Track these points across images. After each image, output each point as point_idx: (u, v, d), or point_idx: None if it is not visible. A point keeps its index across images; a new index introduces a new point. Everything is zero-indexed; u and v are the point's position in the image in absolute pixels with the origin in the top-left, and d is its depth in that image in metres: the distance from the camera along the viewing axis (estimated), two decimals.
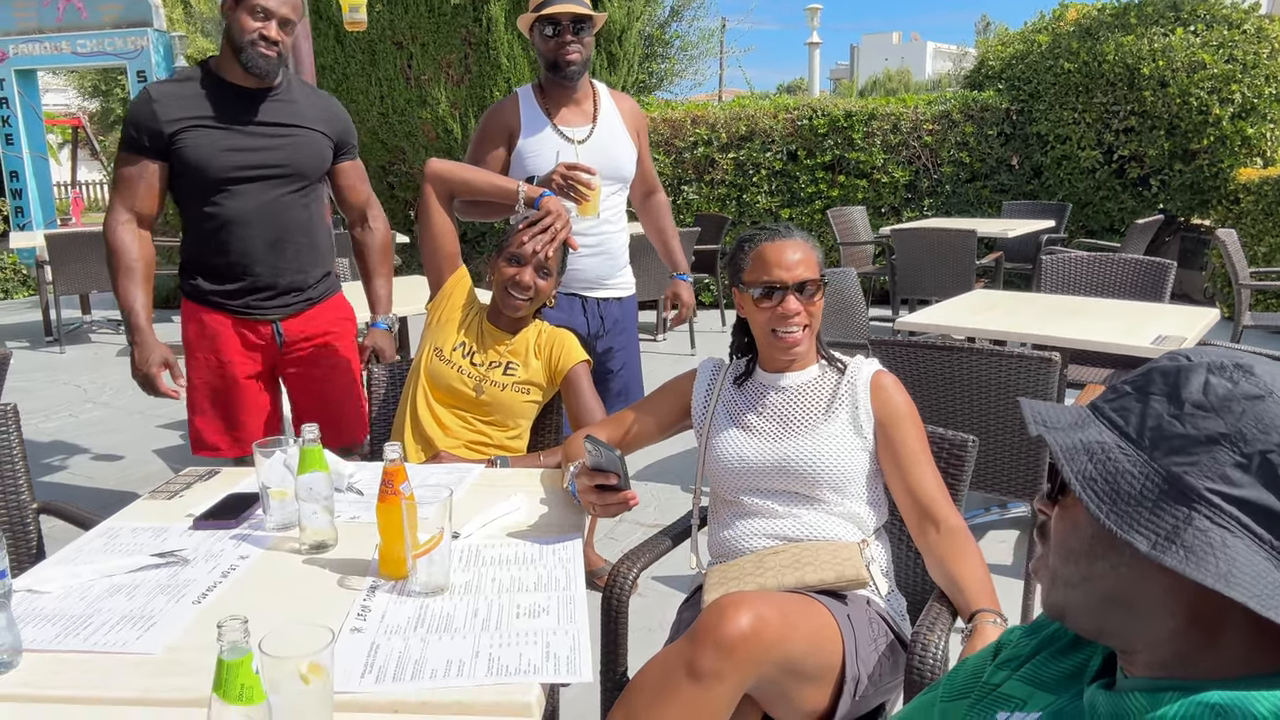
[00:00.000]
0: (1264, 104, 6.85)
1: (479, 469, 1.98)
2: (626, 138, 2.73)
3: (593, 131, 2.65)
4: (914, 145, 7.85)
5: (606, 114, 2.71)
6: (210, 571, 1.46)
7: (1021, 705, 0.87)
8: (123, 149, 2.34)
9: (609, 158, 2.64)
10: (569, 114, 2.65)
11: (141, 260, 2.38)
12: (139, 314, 2.34)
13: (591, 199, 2.40)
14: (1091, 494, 0.73)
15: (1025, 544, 3.30)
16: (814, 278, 1.70)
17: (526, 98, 2.66)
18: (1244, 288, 5.02)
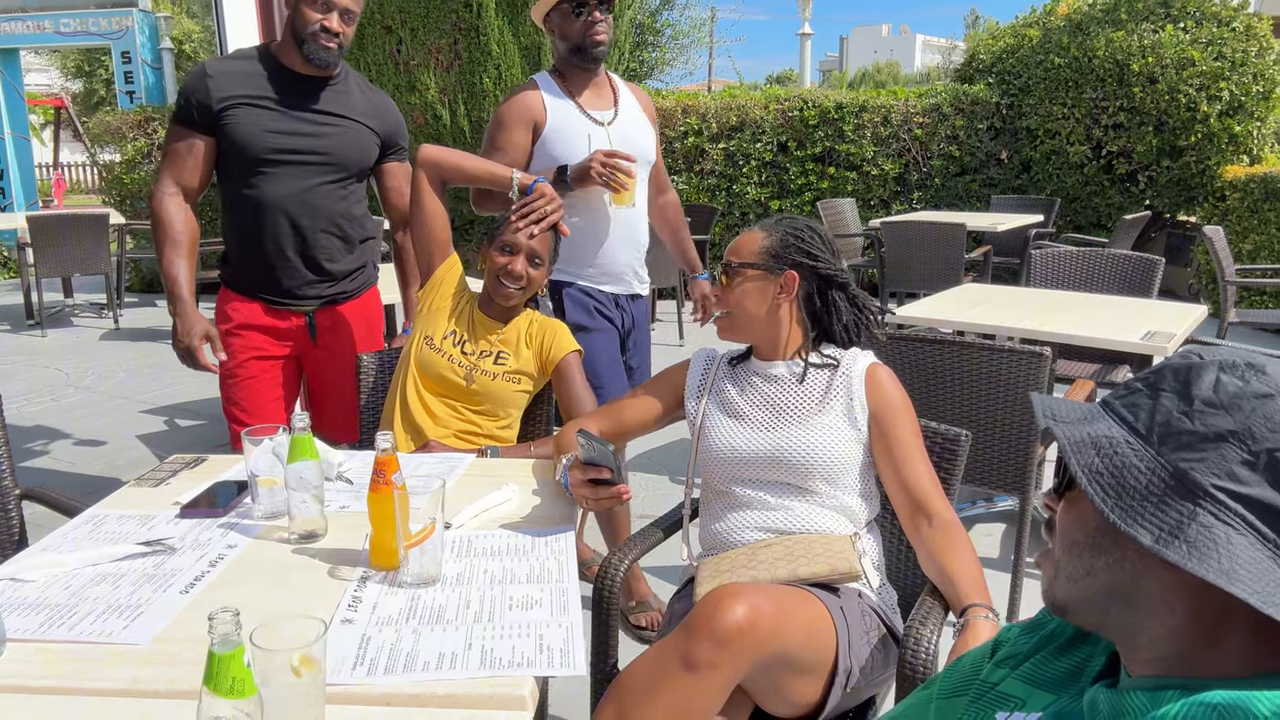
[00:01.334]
0: (1251, 102, 6.88)
1: (470, 459, 1.97)
2: (646, 123, 2.67)
3: (616, 115, 2.58)
4: (904, 138, 7.85)
5: (625, 99, 2.65)
6: (198, 561, 1.44)
7: (1021, 705, 0.87)
8: (174, 121, 2.36)
9: (633, 142, 2.57)
10: (592, 98, 2.57)
11: (186, 233, 2.36)
12: (182, 285, 2.32)
13: (630, 187, 2.37)
14: (1097, 487, 0.73)
15: (1013, 537, 3.31)
16: (736, 260, 1.74)
17: (547, 83, 2.56)
18: (1230, 284, 5.05)
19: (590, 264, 2.55)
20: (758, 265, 1.72)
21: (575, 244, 2.49)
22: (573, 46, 2.50)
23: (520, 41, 7.59)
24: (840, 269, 1.75)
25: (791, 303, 1.73)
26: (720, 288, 1.76)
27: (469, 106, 7.71)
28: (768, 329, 1.74)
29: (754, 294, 1.72)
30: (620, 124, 2.57)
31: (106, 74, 13.89)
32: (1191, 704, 0.68)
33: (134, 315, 7.69)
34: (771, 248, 1.72)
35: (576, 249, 2.51)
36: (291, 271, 2.43)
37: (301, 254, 2.42)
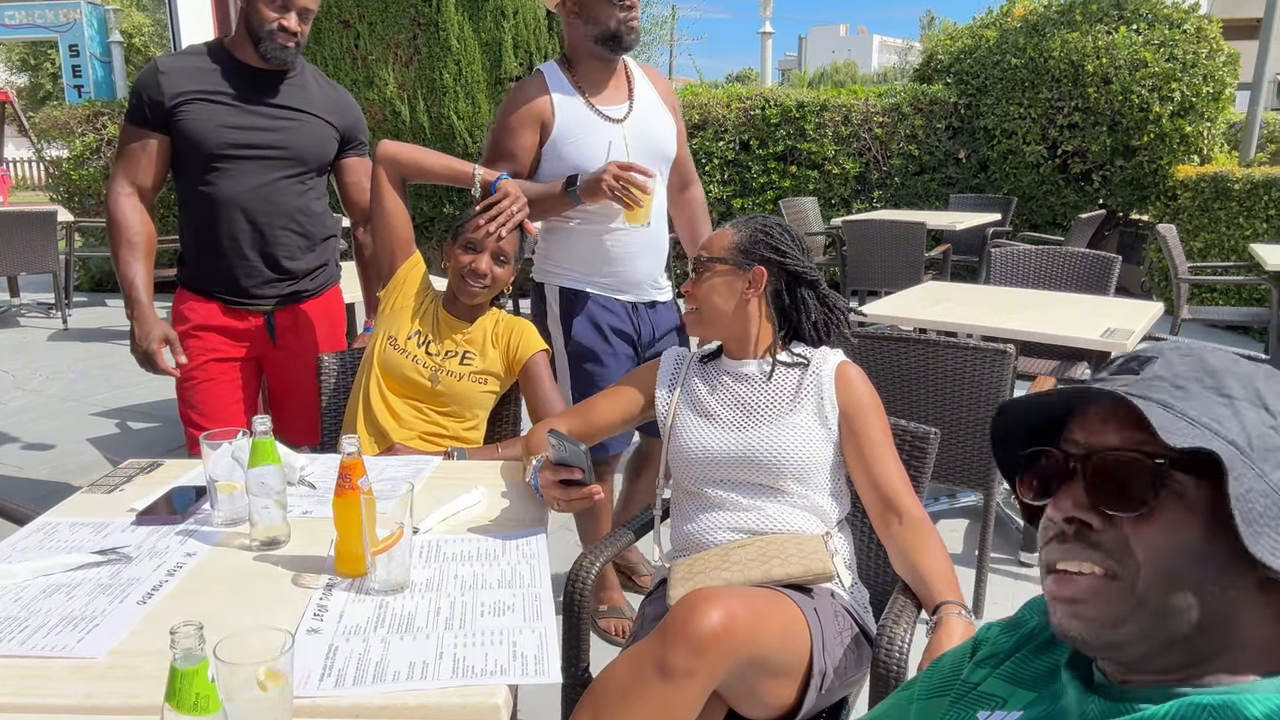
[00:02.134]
0: (1202, 103, 7.03)
1: (436, 461, 1.93)
2: (665, 113, 2.44)
3: (631, 109, 2.36)
4: (864, 137, 7.91)
5: (642, 88, 2.41)
6: (155, 570, 1.39)
7: (1002, 703, 0.86)
8: (127, 119, 2.29)
9: (651, 138, 2.36)
10: (605, 92, 2.34)
11: (143, 234, 2.30)
12: (139, 288, 2.25)
13: (646, 203, 2.16)
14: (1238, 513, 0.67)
15: (975, 533, 3.34)
16: (698, 257, 1.74)
17: (554, 77, 2.33)
18: (1183, 282, 5.15)
19: (603, 273, 2.38)
20: (726, 260, 1.71)
21: (588, 250, 2.36)
22: (603, 34, 2.27)
23: (481, 37, 7.52)
24: (809, 267, 1.74)
25: (760, 299, 1.73)
26: (690, 283, 1.75)
27: (429, 102, 7.62)
28: (736, 325, 1.74)
29: (722, 289, 1.72)
30: (636, 119, 2.36)
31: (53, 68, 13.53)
32: (1183, 704, 0.67)
33: (83, 315, 7.50)
34: (740, 243, 1.72)
35: (589, 256, 2.37)
36: (250, 270, 2.37)
37: (260, 252, 2.36)
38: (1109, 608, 0.72)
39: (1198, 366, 0.75)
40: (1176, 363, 0.76)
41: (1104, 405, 0.76)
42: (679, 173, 2.57)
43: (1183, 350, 0.78)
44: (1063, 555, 0.75)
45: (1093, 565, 0.73)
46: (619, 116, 2.34)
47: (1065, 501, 0.75)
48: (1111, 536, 0.72)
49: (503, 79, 7.64)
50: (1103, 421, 0.76)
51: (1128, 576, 0.71)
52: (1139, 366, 0.78)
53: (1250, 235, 6.43)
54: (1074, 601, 0.73)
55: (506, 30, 7.52)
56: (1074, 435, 0.78)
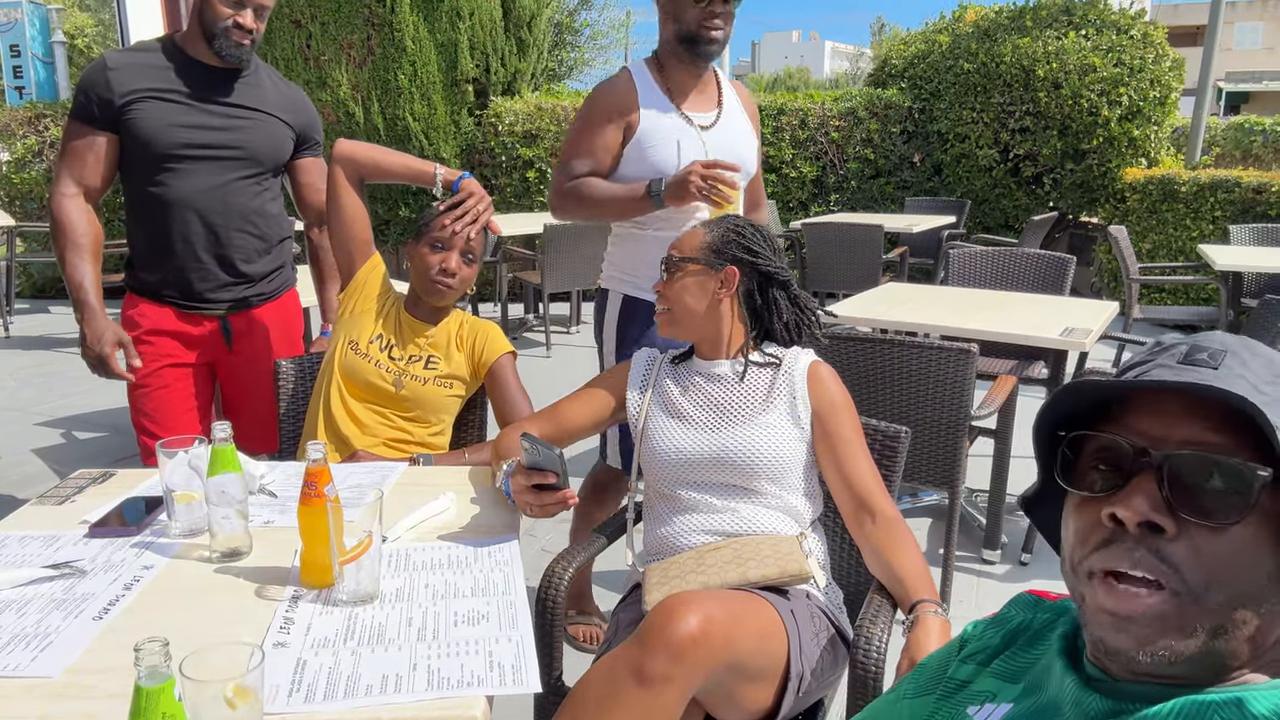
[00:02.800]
0: (1149, 107, 7.19)
1: (402, 467, 1.89)
2: (749, 129, 2.36)
3: (719, 118, 2.27)
4: (821, 141, 7.97)
5: (730, 100, 2.33)
6: (111, 584, 1.34)
7: (992, 698, 0.85)
8: (72, 118, 2.20)
9: (734, 151, 2.25)
10: (693, 96, 2.26)
11: (90, 235, 2.20)
12: (89, 290, 2.16)
13: (735, 200, 2.08)
14: None
15: (939, 532, 3.37)
16: (677, 255, 1.73)
17: (642, 76, 2.25)
18: (1134, 282, 5.25)
19: None
20: (698, 260, 1.70)
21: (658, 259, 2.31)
22: (683, 34, 2.17)
23: (436, 38, 7.45)
24: (781, 267, 1.74)
25: (732, 299, 1.72)
26: (661, 283, 1.73)
27: (383, 104, 7.53)
28: (708, 325, 1.72)
29: (694, 288, 1.70)
30: (721, 129, 2.27)
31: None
32: (1187, 702, 0.67)
33: (25, 322, 7.27)
34: (713, 243, 1.70)
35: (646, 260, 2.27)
36: (204, 273, 2.30)
37: (215, 254, 2.30)
38: (1166, 629, 0.67)
39: (1269, 368, 0.71)
40: (1248, 359, 0.71)
41: (1182, 398, 0.70)
42: (751, 193, 2.42)
43: (1245, 344, 0.73)
44: (1131, 563, 0.68)
45: (1155, 575, 0.67)
46: (706, 124, 2.25)
47: (1139, 501, 0.67)
48: (1181, 547, 0.67)
49: (459, 80, 7.58)
50: (1183, 415, 0.70)
51: (1191, 594, 0.66)
52: (1212, 360, 0.71)
53: (1197, 236, 6.59)
54: (1129, 619, 0.68)
55: (462, 31, 7.45)
56: (1141, 425, 0.71)
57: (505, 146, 7.70)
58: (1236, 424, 0.67)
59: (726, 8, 2.14)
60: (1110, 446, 0.72)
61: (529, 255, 6.68)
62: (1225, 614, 0.66)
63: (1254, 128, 9.03)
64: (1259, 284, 5.40)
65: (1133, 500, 0.67)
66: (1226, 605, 0.66)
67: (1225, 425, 0.67)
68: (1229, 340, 0.73)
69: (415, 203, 7.71)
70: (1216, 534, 0.66)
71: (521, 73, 7.96)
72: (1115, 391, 0.74)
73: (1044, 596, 0.90)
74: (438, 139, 7.62)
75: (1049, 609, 0.88)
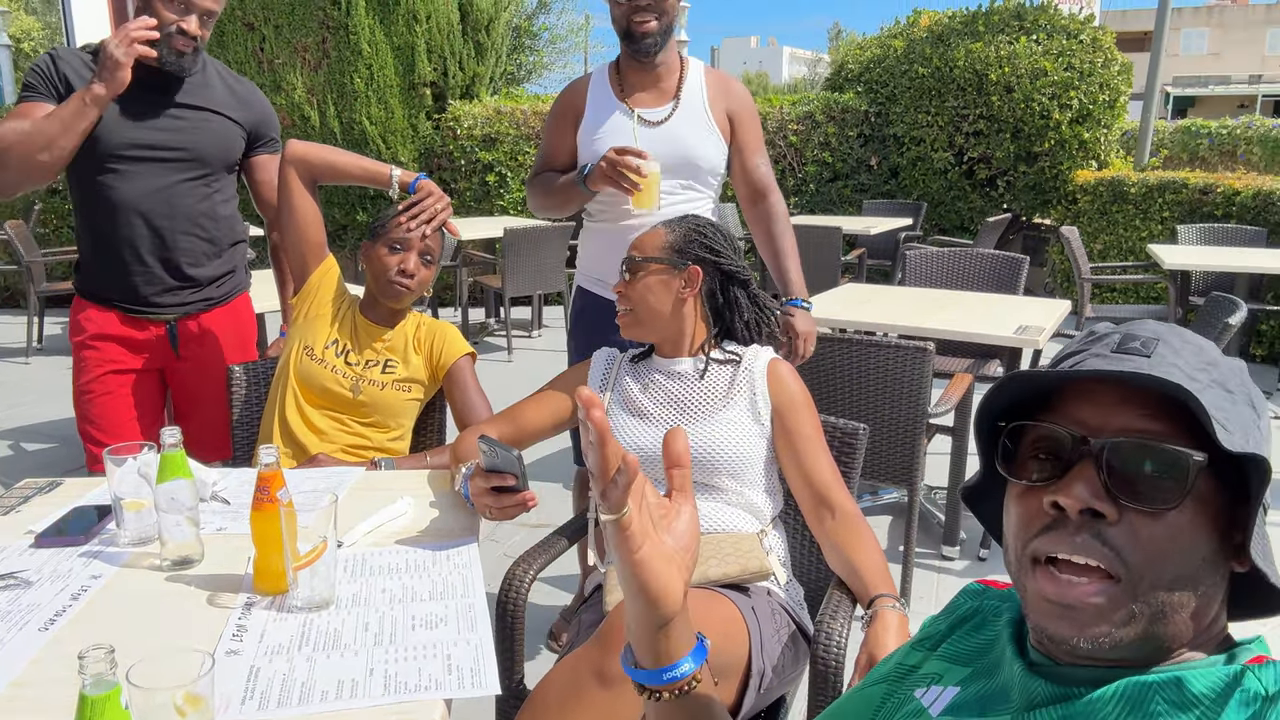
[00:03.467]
0: (1098, 110, 7.33)
1: (358, 472, 1.86)
2: (711, 125, 2.31)
3: (671, 113, 2.26)
4: (780, 144, 8.03)
5: (691, 95, 2.30)
6: (58, 594, 1.30)
7: (938, 679, 0.85)
8: (21, 97, 2.12)
9: (680, 146, 2.25)
10: (647, 93, 2.26)
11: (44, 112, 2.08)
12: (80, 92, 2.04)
13: (647, 189, 2.07)
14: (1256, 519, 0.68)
15: (899, 529, 3.40)
16: (639, 255, 1.71)
17: (599, 75, 2.32)
18: (1086, 281, 5.35)
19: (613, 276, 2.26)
20: (661, 260, 1.70)
21: (603, 249, 2.32)
22: (620, 32, 2.22)
23: (393, 41, 7.39)
24: (742, 266, 1.74)
25: (695, 298, 1.72)
26: (623, 283, 1.73)
27: (339, 108, 7.45)
28: (671, 325, 1.72)
29: (658, 289, 1.70)
30: (672, 125, 2.26)
31: None
32: (1129, 684, 0.68)
33: None
34: (675, 243, 1.71)
35: (603, 255, 2.32)
36: (150, 277, 2.25)
37: (160, 258, 2.25)
38: (1105, 614, 0.68)
39: (1199, 355, 0.73)
40: (1179, 346, 0.73)
41: (1119, 387, 0.71)
42: (747, 182, 2.39)
43: (1177, 333, 0.75)
44: (1072, 549, 0.69)
45: (1096, 561, 0.68)
46: (655, 119, 2.25)
47: (1080, 489, 0.68)
48: (1122, 532, 0.68)
49: (416, 84, 7.53)
50: (1118, 404, 0.71)
51: (1130, 577, 0.67)
52: (1144, 348, 0.72)
53: (1146, 236, 6.74)
54: (1070, 608, 0.69)
55: (419, 35, 7.40)
56: (1079, 414, 0.72)
57: (464, 150, 7.66)
58: (1171, 410, 0.69)
59: (653, 1, 2.14)
60: (1050, 436, 0.73)
61: (489, 259, 6.65)
62: (1165, 597, 0.68)
63: (1200, 131, 9.25)
64: (1206, 282, 5.53)
65: (1073, 488, 0.69)
66: (1166, 588, 0.68)
67: (1161, 412, 0.69)
68: (1159, 328, 0.75)
69: (373, 207, 7.63)
70: (1155, 518, 0.67)
71: (480, 76, 7.93)
72: (1053, 382, 0.75)
73: (991, 585, 0.91)
74: (395, 143, 7.55)
75: (995, 595, 0.89)
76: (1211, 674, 0.66)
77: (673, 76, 2.31)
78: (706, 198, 2.35)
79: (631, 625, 0.80)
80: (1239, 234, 5.84)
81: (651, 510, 0.78)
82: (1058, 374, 0.73)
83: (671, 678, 0.80)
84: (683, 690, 0.81)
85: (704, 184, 2.32)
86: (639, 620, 0.79)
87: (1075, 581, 0.69)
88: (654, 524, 0.77)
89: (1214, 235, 5.90)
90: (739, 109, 2.35)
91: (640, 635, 0.80)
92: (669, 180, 2.23)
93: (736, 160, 2.37)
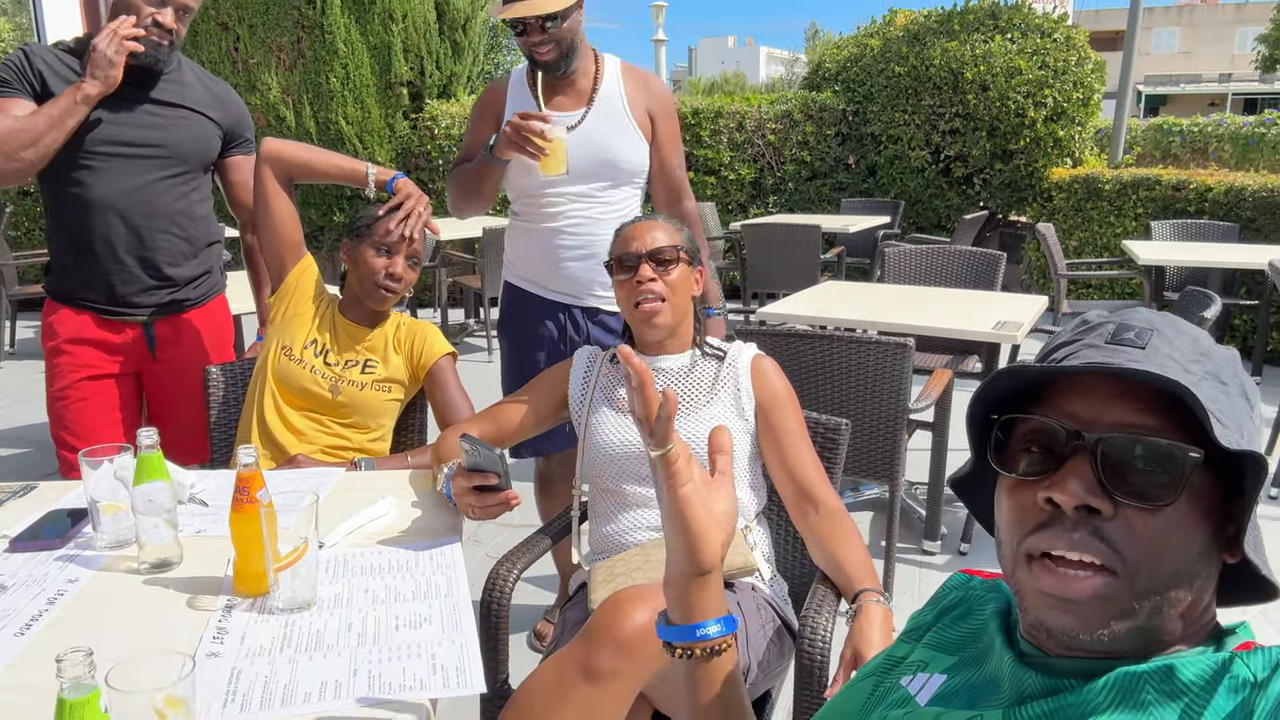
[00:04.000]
0: (1072, 108, 7.40)
1: (339, 473, 1.85)
2: (630, 126, 2.31)
3: (585, 116, 2.27)
4: (758, 144, 8.04)
5: (607, 97, 2.30)
6: (34, 598, 1.28)
7: (924, 666, 0.85)
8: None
9: (597, 148, 2.26)
10: (562, 97, 2.28)
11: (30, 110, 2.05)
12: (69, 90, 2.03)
13: (553, 153, 2.08)
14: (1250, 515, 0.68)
15: (880, 525, 3.42)
16: (670, 244, 1.69)
17: (518, 76, 2.34)
18: (1061, 278, 5.40)
19: (535, 270, 2.36)
20: (688, 253, 1.73)
21: (523, 244, 2.37)
22: (525, 55, 2.25)
23: (369, 40, 7.34)
24: None
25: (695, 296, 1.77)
26: (655, 272, 1.68)
27: (315, 107, 7.40)
28: (685, 320, 1.75)
29: (686, 282, 1.73)
30: (586, 126, 2.26)
31: None
32: (1120, 675, 0.68)
33: None
34: (686, 242, 1.74)
35: (523, 249, 2.37)
36: (126, 276, 2.22)
37: (137, 256, 2.21)
38: (1107, 608, 0.68)
39: (1194, 346, 0.72)
40: (1173, 337, 0.72)
41: (1113, 380, 0.70)
42: (665, 184, 2.40)
43: (1171, 322, 0.74)
44: (1069, 545, 0.68)
45: (1094, 557, 0.67)
46: (570, 123, 2.24)
47: (1074, 485, 0.68)
48: (1118, 527, 0.67)
49: (393, 83, 7.48)
50: (1113, 398, 0.70)
51: (1128, 572, 0.67)
52: (1139, 339, 0.72)
53: (1121, 233, 6.81)
54: (1071, 601, 0.68)
55: (395, 34, 7.36)
56: (1072, 408, 0.72)
57: (442, 150, 7.62)
58: (1166, 404, 0.69)
59: (546, 34, 2.15)
60: (1042, 429, 0.72)
61: (469, 259, 6.62)
62: (1162, 592, 0.67)
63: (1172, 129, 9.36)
64: (1180, 277, 5.60)
65: (1068, 483, 0.68)
66: (1163, 582, 0.67)
67: (1155, 406, 0.69)
68: (1154, 318, 0.74)
69: (350, 207, 7.59)
70: (1151, 514, 0.67)
71: (457, 75, 7.89)
72: (1048, 375, 0.74)
73: (975, 574, 0.92)
74: (372, 143, 7.51)
75: (980, 585, 0.89)
76: (1200, 662, 0.66)
77: (587, 79, 2.31)
78: (633, 198, 2.37)
79: (670, 573, 0.83)
80: (1212, 230, 5.92)
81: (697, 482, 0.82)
82: (1050, 369, 0.72)
83: (704, 635, 0.82)
84: (714, 650, 0.82)
85: (629, 184, 2.33)
86: (677, 565, 0.81)
87: (1074, 575, 0.68)
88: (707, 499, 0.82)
89: (1187, 231, 5.97)
90: (658, 108, 2.36)
91: (676, 584, 0.82)
92: (590, 183, 2.26)
93: (655, 158, 2.37)
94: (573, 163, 2.19)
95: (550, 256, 2.31)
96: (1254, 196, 5.99)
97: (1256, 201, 5.97)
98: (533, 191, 2.28)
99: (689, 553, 0.80)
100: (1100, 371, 0.70)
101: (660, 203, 2.43)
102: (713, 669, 0.83)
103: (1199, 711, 0.64)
